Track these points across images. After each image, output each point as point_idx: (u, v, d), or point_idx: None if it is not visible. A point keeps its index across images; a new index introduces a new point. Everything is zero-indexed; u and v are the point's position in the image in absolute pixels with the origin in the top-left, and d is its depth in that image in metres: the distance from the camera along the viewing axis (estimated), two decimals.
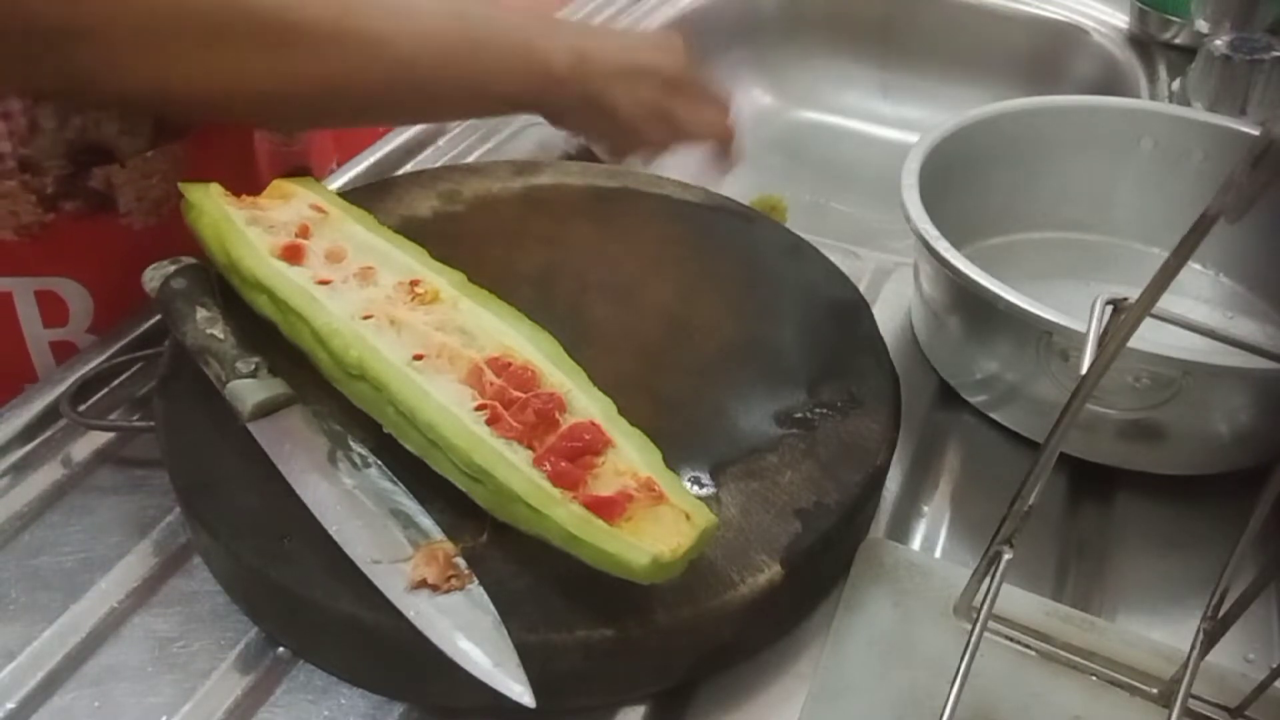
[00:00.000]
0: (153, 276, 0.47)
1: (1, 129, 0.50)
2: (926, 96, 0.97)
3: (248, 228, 0.47)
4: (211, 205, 0.48)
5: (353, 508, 0.38)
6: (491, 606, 0.35)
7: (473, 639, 0.34)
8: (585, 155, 0.68)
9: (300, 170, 0.67)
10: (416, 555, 0.36)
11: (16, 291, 0.54)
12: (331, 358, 0.41)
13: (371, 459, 0.40)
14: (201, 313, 0.45)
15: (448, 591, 0.36)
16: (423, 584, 0.36)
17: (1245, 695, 0.37)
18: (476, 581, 0.36)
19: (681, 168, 0.62)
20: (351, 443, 0.41)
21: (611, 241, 0.54)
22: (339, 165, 0.70)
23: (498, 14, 0.57)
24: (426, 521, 0.38)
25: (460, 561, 0.36)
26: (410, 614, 0.35)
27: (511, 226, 0.54)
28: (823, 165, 0.95)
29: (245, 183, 0.62)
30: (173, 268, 0.47)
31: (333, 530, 0.37)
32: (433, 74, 0.56)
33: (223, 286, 0.47)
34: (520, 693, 0.33)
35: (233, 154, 0.61)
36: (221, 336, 0.43)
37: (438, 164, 0.65)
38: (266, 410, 0.41)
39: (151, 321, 0.53)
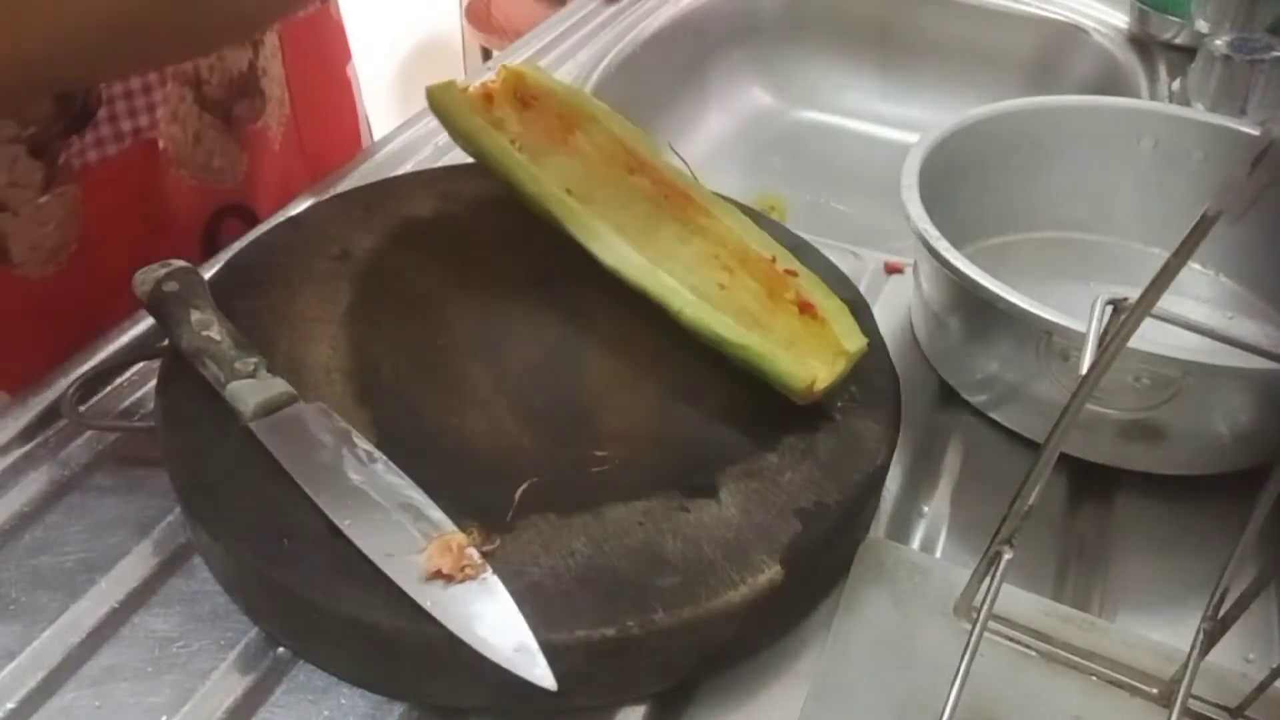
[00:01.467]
0: (143, 280, 0.47)
1: None
2: (926, 96, 0.97)
3: None
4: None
5: (362, 503, 0.38)
6: (507, 594, 0.36)
7: (491, 626, 0.35)
8: None
9: (239, 209, 0.64)
10: (430, 547, 0.37)
11: None
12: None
13: (377, 454, 0.40)
14: (195, 315, 0.44)
15: (463, 581, 0.36)
16: (438, 574, 0.36)
17: (1245, 695, 0.37)
18: (490, 570, 0.36)
19: None
20: (355, 439, 0.41)
21: None
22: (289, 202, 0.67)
23: None
24: (436, 514, 0.38)
25: (473, 551, 0.37)
26: (427, 604, 0.35)
27: (513, 227, 0.54)
28: (823, 165, 0.95)
29: (154, 226, 0.58)
30: (163, 271, 0.47)
31: (344, 525, 0.37)
32: None
33: (215, 288, 0.47)
34: (541, 675, 0.34)
35: (137, 195, 0.56)
36: (218, 338, 0.43)
37: (438, 164, 0.64)
38: (268, 410, 0.41)
39: (150, 322, 0.53)
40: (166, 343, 0.46)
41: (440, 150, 0.70)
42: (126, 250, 0.53)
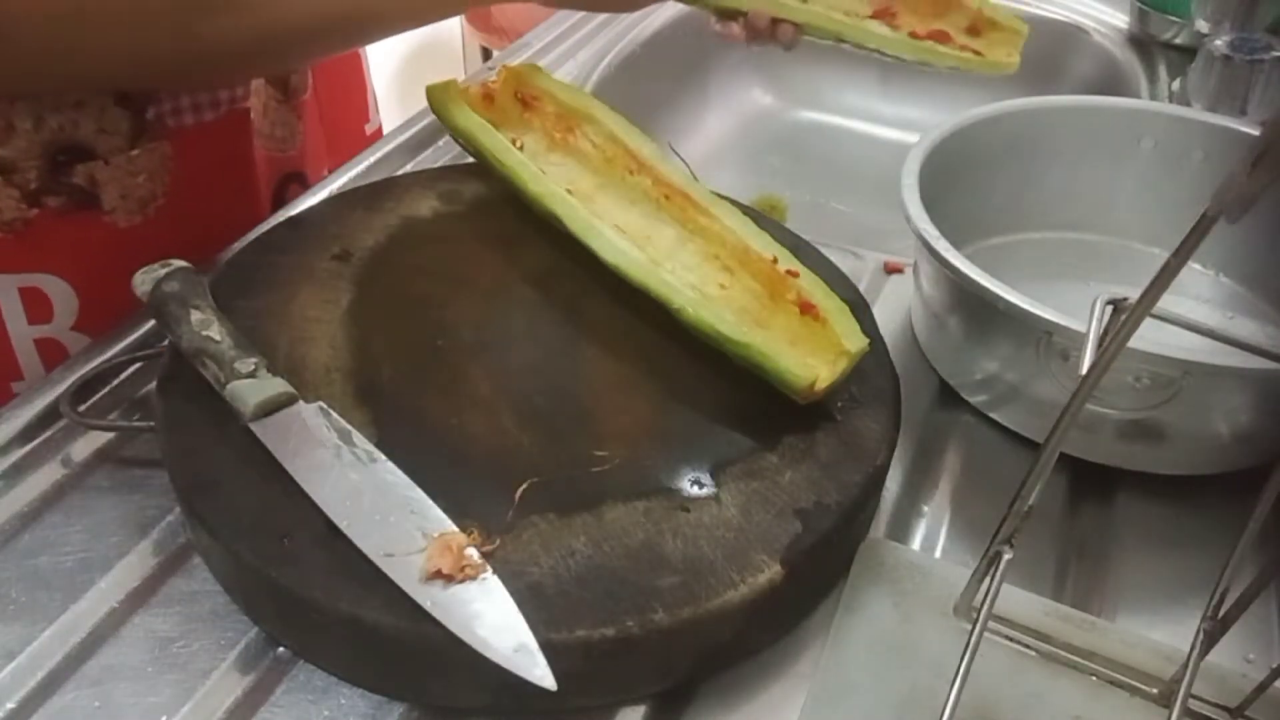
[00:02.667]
0: (143, 280, 0.47)
1: None
2: (926, 96, 0.97)
3: None
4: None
5: (362, 502, 0.38)
6: (507, 594, 0.36)
7: (491, 626, 0.35)
8: None
9: (298, 176, 0.67)
10: (430, 546, 0.37)
11: None
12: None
13: (377, 454, 0.40)
14: (195, 315, 0.45)
15: (463, 581, 0.36)
16: (437, 574, 0.36)
17: (1245, 695, 0.37)
18: (490, 570, 0.36)
19: None
20: (355, 439, 0.41)
21: None
22: (330, 172, 0.69)
23: None
24: (436, 513, 0.38)
25: (473, 551, 0.37)
26: (426, 604, 0.35)
27: (511, 227, 0.54)
28: (823, 165, 0.95)
29: (238, 189, 0.60)
30: (163, 271, 0.47)
31: (343, 525, 0.37)
32: None
33: (215, 288, 0.47)
34: (541, 675, 0.34)
35: (226, 160, 0.60)
36: (218, 338, 0.43)
37: (438, 164, 0.64)
38: (268, 410, 0.41)
39: (151, 322, 0.53)
40: (166, 343, 0.46)
41: (440, 150, 0.70)
42: (213, 210, 0.58)
